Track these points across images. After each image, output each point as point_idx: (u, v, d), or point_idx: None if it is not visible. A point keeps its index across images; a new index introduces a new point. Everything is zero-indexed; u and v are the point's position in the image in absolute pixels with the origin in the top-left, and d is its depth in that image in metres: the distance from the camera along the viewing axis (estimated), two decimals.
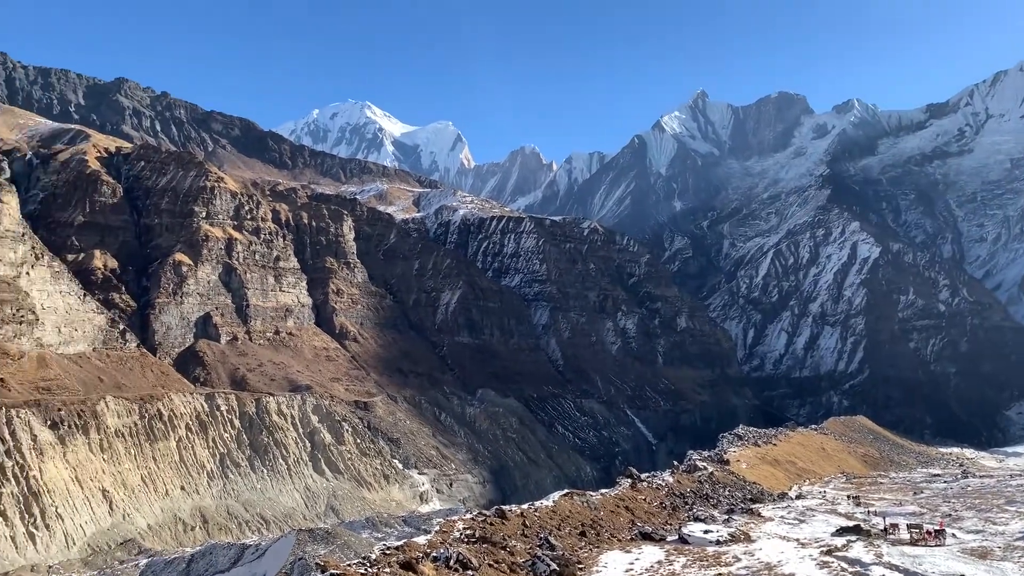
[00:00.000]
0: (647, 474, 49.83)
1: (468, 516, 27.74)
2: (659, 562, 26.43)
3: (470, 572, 19.90)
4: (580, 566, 24.43)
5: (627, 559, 26.51)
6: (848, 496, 55.76)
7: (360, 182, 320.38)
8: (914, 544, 32.03)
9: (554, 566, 22.38)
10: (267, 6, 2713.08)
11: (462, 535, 23.99)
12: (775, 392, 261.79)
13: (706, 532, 31.93)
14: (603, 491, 39.98)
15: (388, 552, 20.23)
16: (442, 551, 20.61)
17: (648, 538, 31.34)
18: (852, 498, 53.77)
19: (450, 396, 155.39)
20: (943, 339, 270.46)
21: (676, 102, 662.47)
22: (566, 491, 36.64)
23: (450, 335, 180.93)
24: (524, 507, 30.47)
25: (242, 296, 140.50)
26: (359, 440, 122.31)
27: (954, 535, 35.13)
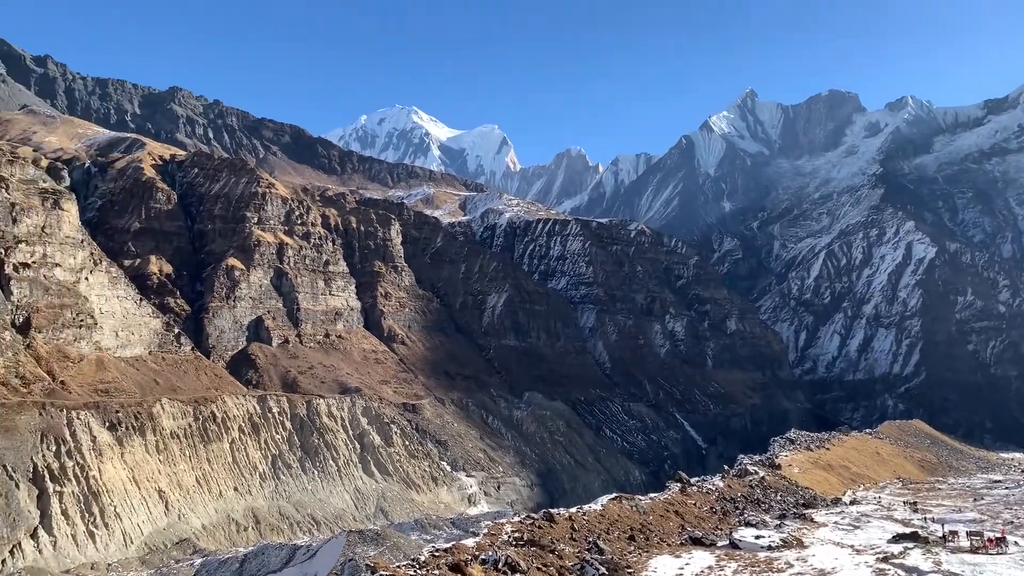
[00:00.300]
0: (697, 478, 49.30)
1: (516, 519, 27.76)
2: (709, 567, 26.12)
3: (518, 575, 19.90)
4: (629, 570, 24.26)
5: (677, 564, 26.25)
6: (905, 502, 54.45)
7: (407, 186, 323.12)
8: (974, 552, 31.15)
9: (603, 570, 22.27)
10: (316, 14, 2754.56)
11: (510, 538, 24.00)
12: (828, 395, 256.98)
13: (757, 537, 31.45)
14: (652, 495, 39.69)
15: (437, 554, 20.34)
16: (491, 554, 20.66)
17: (698, 543, 30.98)
18: (909, 504, 52.51)
19: (497, 399, 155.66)
20: (1003, 341, 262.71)
21: (724, 102, 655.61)
22: (614, 495, 36.45)
23: (497, 338, 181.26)
24: (572, 511, 30.39)
25: (293, 300, 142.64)
26: (407, 442, 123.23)
27: (1016, 543, 34.06)
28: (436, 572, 18.82)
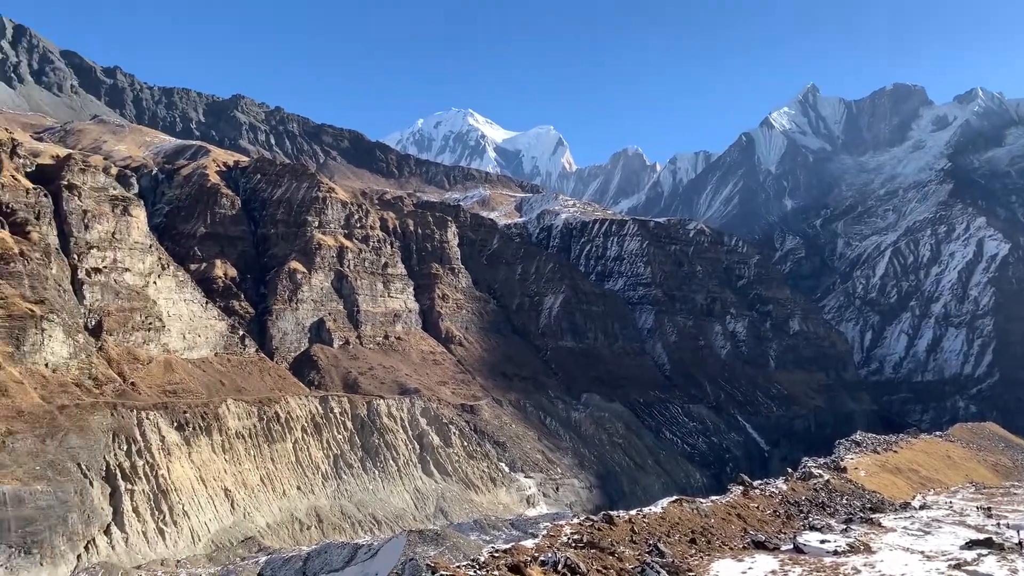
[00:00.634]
0: (759, 481, 48.37)
1: (575, 521, 27.62)
2: (773, 572, 25.60)
3: None
4: (691, 574, 23.92)
5: (739, 568, 25.80)
6: (978, 507, 52.58)
7: (463, 189, 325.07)
8: None
9: (664, 573, 22.00)
10: (374, 20, 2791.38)
11: (570, 540, 23.88)
12: (895, 397, 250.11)
13: (823, 542, 30.69)
14: (713, 498, 39.09)
15: (496, 555, 20.35)
16: (550, 555, 20.58)
17: (761, 547, 30.38)
18: (983, 509, 50.69)
19: (555, 400, 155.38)
20: None
21: (784, 98, 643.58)
22: (675, 497, 36.01)
23: (554, 339, 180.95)
24: (632, 513, 30.10)
25: (353, 302, 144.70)
26: (466, 443, 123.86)
27: None
28: (496, 573, 18.83)
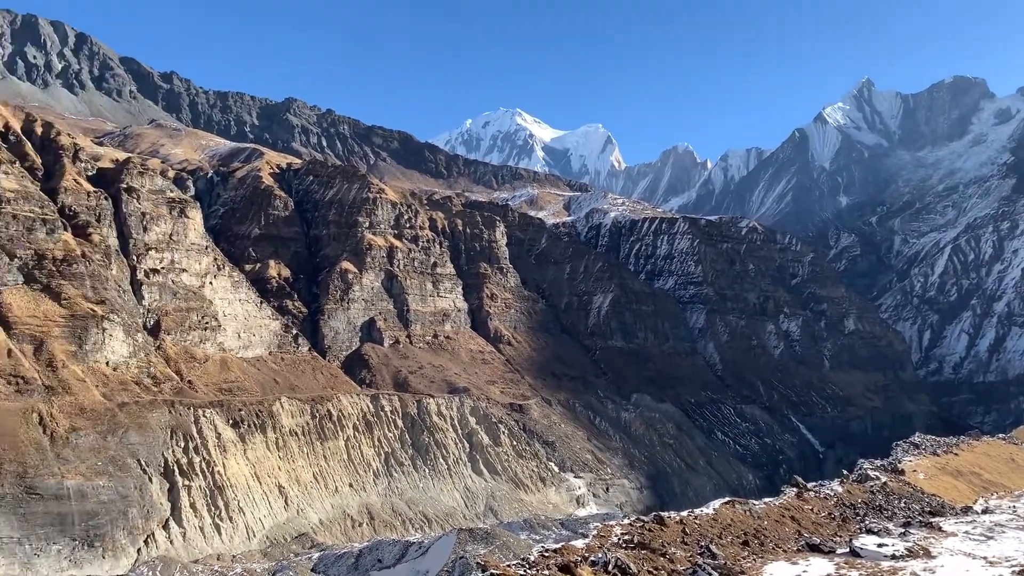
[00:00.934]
0: (814, 483, 47.46)
1: (626, 521, 27.44)
2: (828, 575, 25.09)
3: None
4: None
5: (793, 571, 25.35)
6: None
7: (511, 188, 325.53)
8: None
9: (716, 575, 21.72)
10: (422, 22, 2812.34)
11: (620, 540, 23.73)
12: (955, 398, 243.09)
13: (880, 546, 29.98)
14: (766, 500, 38.49)
15: (546, 554, 20.32)
16: (600, 556, 20.47)
17: (816, 550, 29.81)
18: None
19: (604, 400, 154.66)
20: None
21: (839, 92, 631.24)
22: (727, 499, 35.55)
23: (603, 339, 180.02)
24: (683, 514, 29.79)
25: (403, 301, 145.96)
26: (515, 442, 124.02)
27: None
28: (546, 572, 18.79)
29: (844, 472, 57.17)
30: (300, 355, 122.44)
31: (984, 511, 53.81)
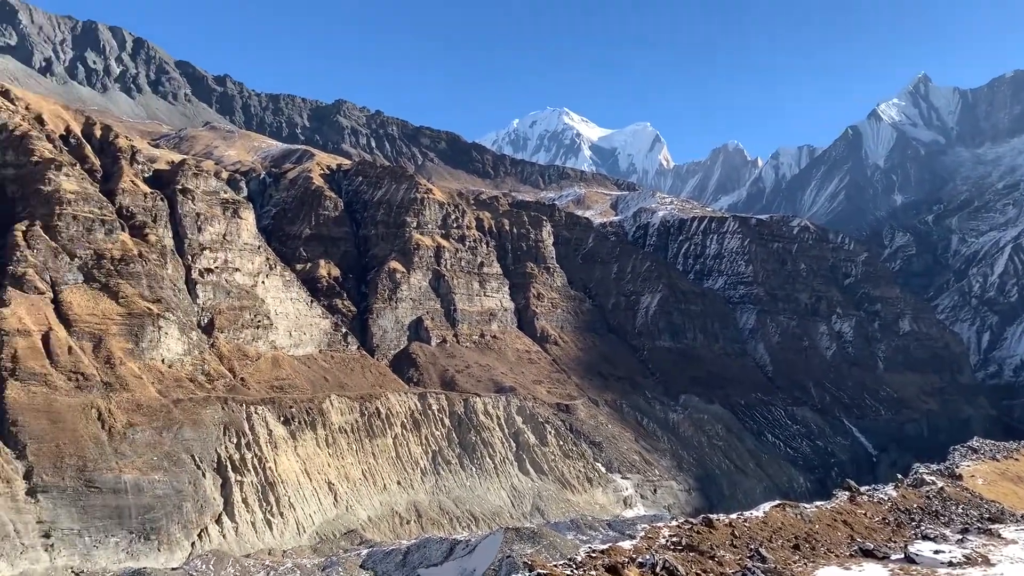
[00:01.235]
0: (867, 487, 46.44)
1: (674, 523, 27.20)
2: None
3: None
4: None
5: None
6: None
7: (558, 188, 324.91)
8: None
9: None
10: (469, 23, 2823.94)
11: (668, 542, 23.51)
12: (1016, 401, 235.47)
13: (936, 552, 29.22)
14: (818, 503, 37.79)
15: (594, 555, 20.22)
16: (648, 557, 20.30)
17: (869, 555, 29.19)
18: None
19: (652, 401, 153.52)
20: None
21: (893, 89, 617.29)
22: (777, 502, 34.99)
23: (651, 339, 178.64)
24: (732, 516, 29.40)
25: (450, 301, 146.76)
26: (562, 442, 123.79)
27: None
28: (593, 573, 18.71)
29: (899, 476, 55.84)
30: (349, 353, 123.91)
31: None
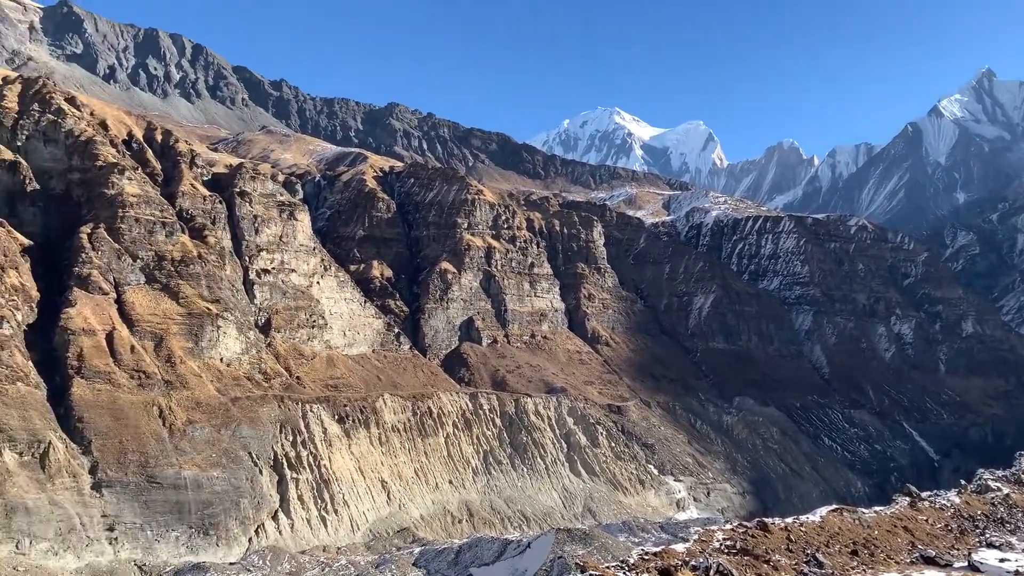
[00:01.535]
0: (928, 492, 45.26)
1: (728, 526, 26.88)
2: None
3: None
4: None
5: None
6: None
7: (609, 188, 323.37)
8: None
9: None
10: (519, 25, 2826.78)
11: (722, 545, 23.25)
12: None
13: (1002, 560, 28.34)
14: (877, 508, 36.97)
15: (646, 557, 20.11)
16: (701, 560, 20.11)
17: (931, 563, 28.45)
18: None
19: (705, 403, 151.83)
20: None
21: (955, 84, 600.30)
22: (834, 506, 34.33)
23: (704, 340, 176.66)
24: (788, 521, 28.94)
25: (500, 301, 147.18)
26: (613, 444, 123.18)
27: None
28: (645, 575, 18.61)
29: (962, 482, 54.30)
30: (401, 353, 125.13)
31: None
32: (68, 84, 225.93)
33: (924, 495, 42.76)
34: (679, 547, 22.34)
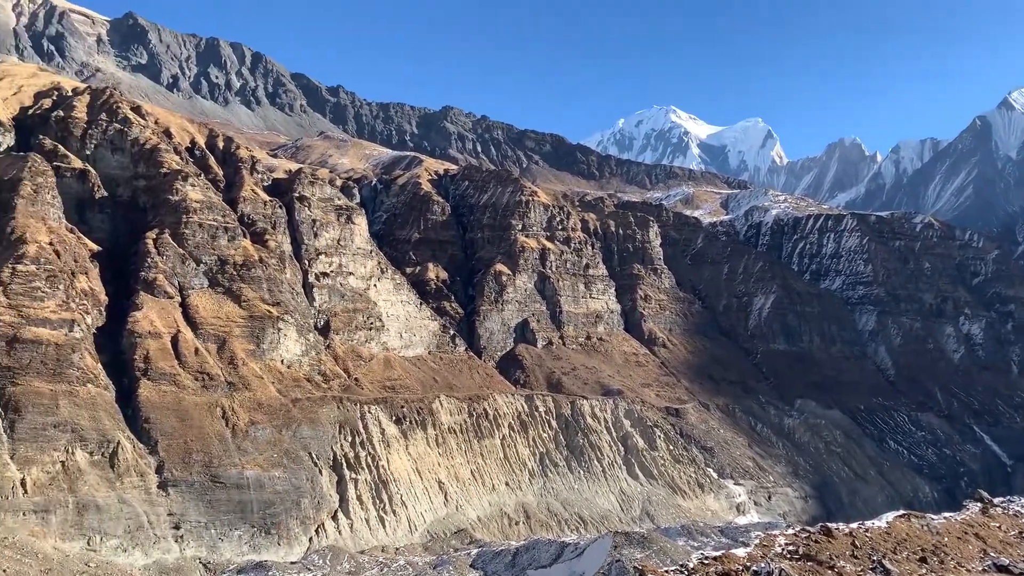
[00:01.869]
0: (1001, 499, 43.63)
1: (790, 531, 26.26)
2: None
3: None
4: None
5: None
6: None
7: (665, 187, 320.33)
8: None
9: None
10: (572, 25, 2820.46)
11: (784, 551, 22.71)
12: None
13: None
14: (946, 515, 35.75)
15: (706, 561, 19.75)
16: (763, 566, 19.68)
17: (1004, 571, 27.36)
18: None
19: (766, 406, 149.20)
20: None
21: None
22: (901, 512, 33.30)
23: (764, 342, 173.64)
24: (853, 526, 28.16)
25: (555, 303, 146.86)
26: (671, 447, 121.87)
27: None
28: None
29: None
30: (457, 355, 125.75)
31: None
32: (134, 94, 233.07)
33: (996, 501, 41.18)
34: (740, 552, 21.89)
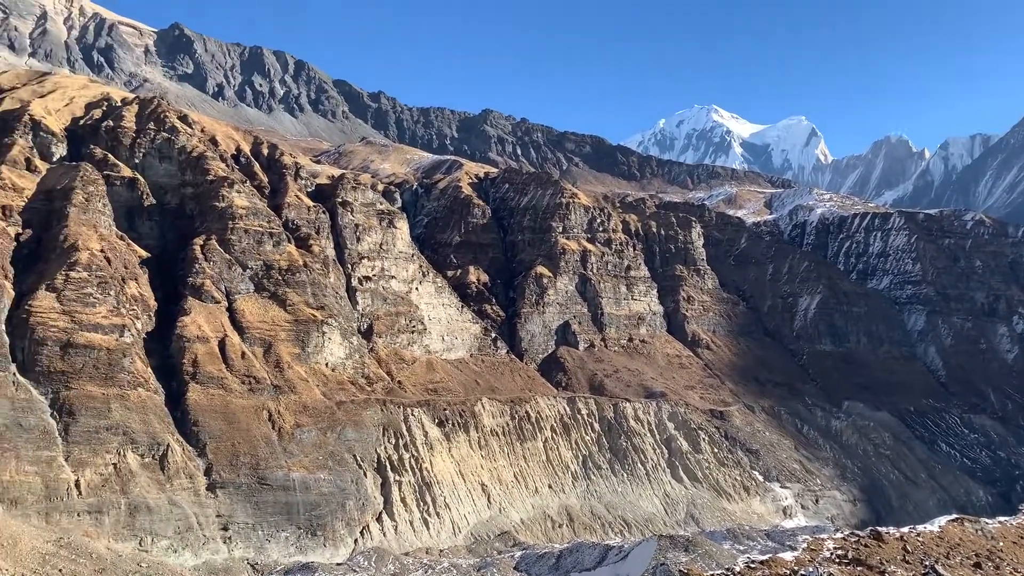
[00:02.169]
0: None
1: (838, 535, 25.86)
2: None
3: None
4: None
5: None
6: None
7: (708, 187, 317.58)
8: None
9: None
10: (612, 26, 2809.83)
11: (832, 555, 22.35)
12: None
13: None
14: (1001, 519, 34.91)
15: (753, 565, 19.54)
16: (811, 570, 19.40)
17: None
18: None
19: (812, 408, 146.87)
20: None
21: None
22: (954, 516, 32.59)
23: (810, 343, 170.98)
24: (904, 530, 27.62)
25: (597, 305, 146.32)
26: (716, 449, 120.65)
27: None
28: None
29: None
30: (499, 357, 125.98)
31: None
32: (180, 103, 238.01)
33: None
34: (787, 556, 21.61)
